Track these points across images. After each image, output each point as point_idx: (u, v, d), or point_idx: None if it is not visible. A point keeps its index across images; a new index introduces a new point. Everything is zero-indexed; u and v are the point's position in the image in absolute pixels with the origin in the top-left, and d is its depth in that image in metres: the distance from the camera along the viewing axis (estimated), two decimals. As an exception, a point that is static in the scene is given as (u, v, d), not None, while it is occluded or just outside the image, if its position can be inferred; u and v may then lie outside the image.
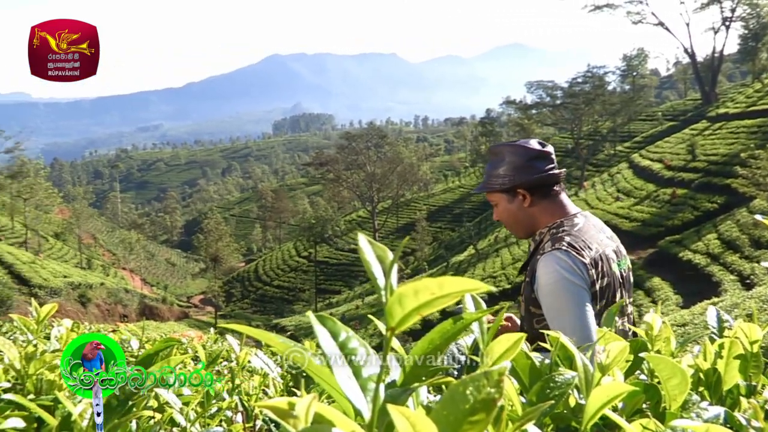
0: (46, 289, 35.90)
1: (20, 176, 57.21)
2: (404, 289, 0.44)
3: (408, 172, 70.80)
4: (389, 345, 0.47)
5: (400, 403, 0.47)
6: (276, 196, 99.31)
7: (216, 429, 0.83)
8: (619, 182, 45.79)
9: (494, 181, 2.23)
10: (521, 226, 2.27)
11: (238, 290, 74.00)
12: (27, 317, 1.34)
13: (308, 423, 0.44)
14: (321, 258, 71.38)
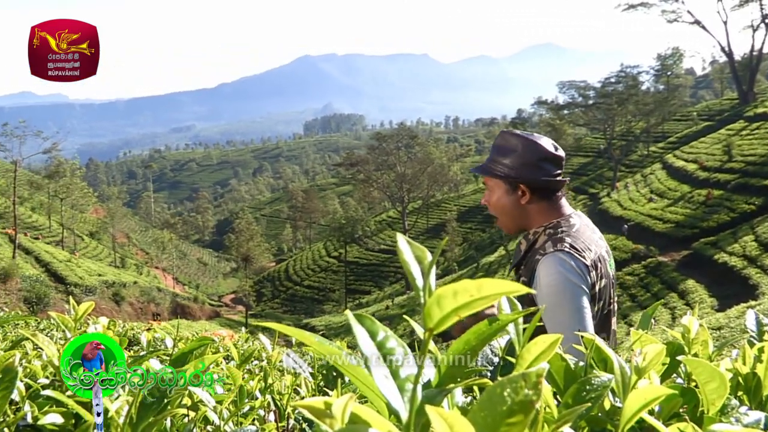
0: (81, 287, 36.47)
1: (57, 176, 58.22)
2: (443, 290, 0.44)
3: (438, 173, 70.65)
4: (427, 346, 0.46)
5: (435, 403, 0.47)
6: (306, 197, 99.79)
7: (249, 428, 0.83)
8: (652, 183, 45.17)
9: (498, 168, 2.18)
10: (512, 221, 2.24)
11: (269, 290, 74.50)
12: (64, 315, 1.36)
13: (344, 423, 0.44)
14: (351, 258, 71.57)
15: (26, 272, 33.47)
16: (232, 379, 1.16)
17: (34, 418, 0.93)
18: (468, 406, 0.70)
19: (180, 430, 0.98)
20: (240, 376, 1.13)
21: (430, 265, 0.49)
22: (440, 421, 0.40)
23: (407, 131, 77.51)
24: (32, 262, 39.39)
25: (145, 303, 43.37)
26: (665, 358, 0.95)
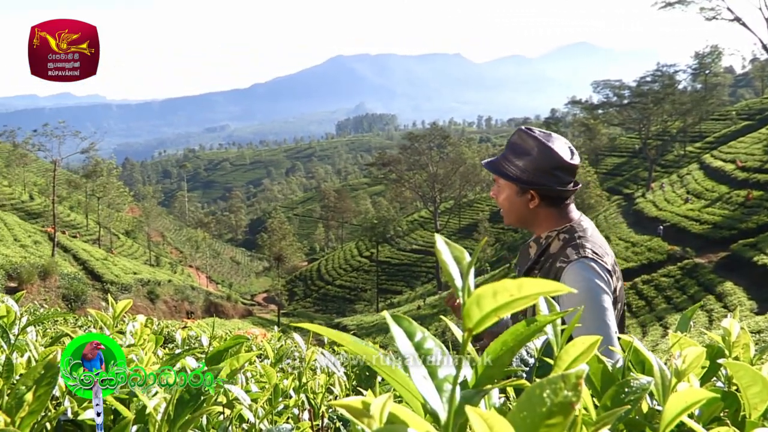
0: (117, 285, 37.03)
1: (94, 176, 59.21)
2: (483, 290, 0.44)
3: (470, 173, 70.34)
4: (466, 346, 0.46)
5: (473, 404, 0.46)
6: (339, 196, 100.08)
7: (285, 426, 0.83)
8: (689, 184, 44.50)
9: (511, 169, 2.15)
10: (517, 219, 2.23)
11: (301, 289, 74.88)
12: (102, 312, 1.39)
13: (382, 423, 0.44)
14: (383, 258, 71.64)
15: (64, 270, 34.07)
16: (266, 377, 1.17)
17: (74, 414, 0.95)
18: (502, 407, 0.70)
19: (215, 427, 0.99)
20: (275, 374, 1.14)
21: (469, 265, 0.50)
22: (480, 422, 0.40)
23: (439, 131, 77.29)
24: (70, 260, 40.08)
25: (179, 301, 43.85)
26: (705, 361, 0.93)
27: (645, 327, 26.28)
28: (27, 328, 1.30)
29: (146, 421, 0.86)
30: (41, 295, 28.51)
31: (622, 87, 64.19)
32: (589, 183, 53.76)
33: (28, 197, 60.96)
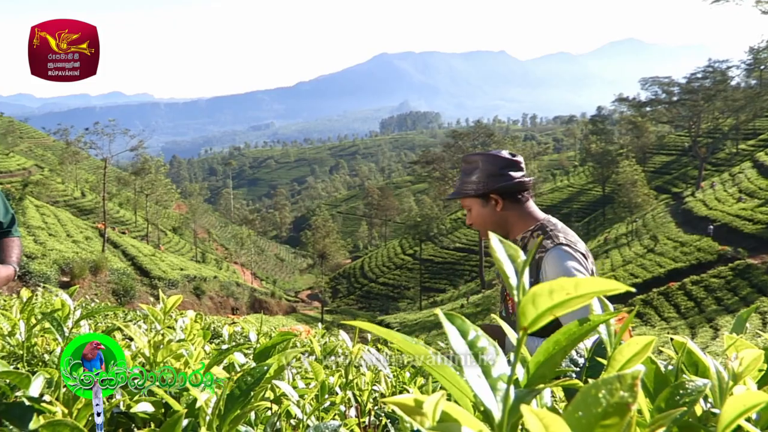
0: (164, 281, 37.61)
1: (143, 173, 60.32)
2: (539, 288, 0.44)
3: (515, 171, 69.69)
4: (521, 345, 0.46)
5: (525, 404, 0.44)
6: (382, 194, 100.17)
7: (333, 422, 0.79)
8: (741, 182, 43.39)
9: (468, 187, 2.38)
10: (496, 229, 2.39)
11: (344, 286, 75.18)
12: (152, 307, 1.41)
13: (435, 421, 0.44)
14: (426, 256, 71.50)
15: (114, 265, 34.76)
16: (313, 374, 1.17)
17: (126, 407, 0.97)
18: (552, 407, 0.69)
19: (264, 422, 0.99)
20: (321, 371, 1.14)
21: (524, 263, 0.50)
22: (536, 421, 0.40)
23: (483, 129, 76.78)
24: (120, 255, 40.88)
25: (225, 297, 44.38)
26: (762, 364, 0.89)
27: (694, 328, 25.74)
28: (80, 322, 1.32)
29: (197, 416, 0.87)
30: (92, 290, 29.14)
31: (672, 84, 62.93)
32: (636, 181, 52.85)
33: (80, 194, 62.40)
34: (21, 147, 76.53)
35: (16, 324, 1.43)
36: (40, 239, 34.11)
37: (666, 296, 30.97)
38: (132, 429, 1.01)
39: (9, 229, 3.11)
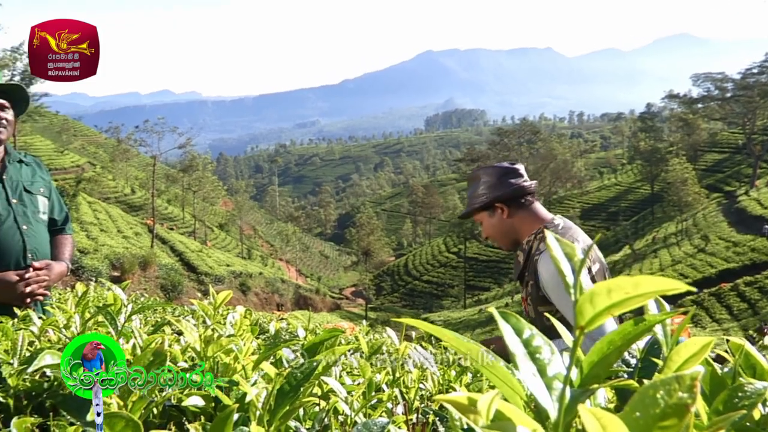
0: (211, 277, 38.15)
1: (191, 170, 61.34)
2: (597, 287, 0.44)
3: (561, 169, 69.04)
4: (578, 344, 0.46)
5: (579, 403, 0.45)
6: (427, 192, 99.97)
7: (381, 419, 0.82)
8: (797, 181, 42.23)
9: (475, 202, 2.50)
10: (506, 238, 2.50)
11: (388, 284, 75.28)
12: (202, 302, 1.43)
13: (489, 420, 0.44)
14: (470, 254, 71.19)
15: (162, 261, 35.41)
16: (360, 370, 1.18)
17: (178, 400, 0.98)
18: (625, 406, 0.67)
19: (312, 418, 1.00)
20: (369, 368, 1.15)
21: (581, 262, 0.49)
22: (593, 421, 0.39)
23: (529, 126, 76.19)
24: (168, 251, 41.62)
25: (270, 293, 44.82)
26: None
27: (747, 331, 25.12)
28: (132, 316, 1.35)
29: (246, 410, 0.88)
30: (141, 285, 29.73)
31: (725, 80, 61.48)
32: (687, 180, 51.77)
33: (130, 190, 63.68)
34: (75, 145, 78.41)
35: (71, 317, 1.46)
36: (92, 235, 34.93)
37: (718, 297, 30.28)
38: (183, 422, 1.02)
39: (63, 227, 3.19)
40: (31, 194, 2.95)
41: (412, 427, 1.03)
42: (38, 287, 2.69)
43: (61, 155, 61.80)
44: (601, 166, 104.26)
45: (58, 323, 1.49)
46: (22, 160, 3.02)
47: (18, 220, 2.83)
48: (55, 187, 3.17)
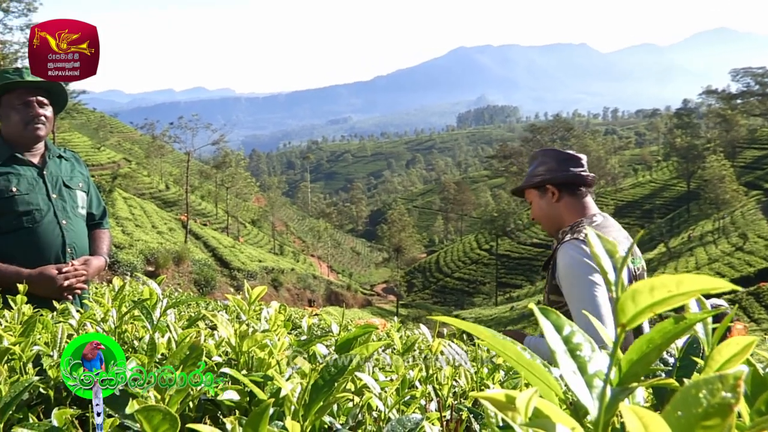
0: (243, 272, 38.40)
1: (224, 166, 61.89)
2: (639, 285, 0.43)
3: (595, 166, 68.30)
4: (620, 342, 0.45)
5: (618, 402, 0.46)
6: (458, 189, 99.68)
7: (415, 416, 0.79)
8: (838, 179, 41.27)
9: (530, 180, 2.52)
10: (550, 222, 2.52)
11: (419, 280, 75.23)
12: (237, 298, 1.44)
13: (527, 417, 0.44)
14: (502, 251, 70.83)
15: (196, 256, 35.78)
16: (394, 367, 1.18)
17: (214, 394, 0.98)
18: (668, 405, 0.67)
19: (345, 414, 1.00)
20: (402, 364, 1.15)
21: (623, 260, 0.49)
22: (635, 420, 0.39)
23: (563, 123, 75.52)
24: (201, 246, 42.05)
25: (302, 289, 45.02)
26: None
27: (786, 331, 24.66)
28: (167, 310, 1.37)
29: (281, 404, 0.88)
30: (175, 280, 30.08)
31: (766, 74, 60.32)
32: (725, 177, 50.93)
33: (164, 186, 64.47)
34: (111, 141, 79.63)
35: (108, 311, 1.49)
36: (128, 230, 35.44)
37: (756, 297, 29.75)
38: (218, 416, 1.02)
39: (100, 221, 3.25)
40: (71, 189, 3.00)
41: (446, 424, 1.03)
42: (77, 281, 2.74)
43: (98, 151, 62.77)
44: (636, 163, 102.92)
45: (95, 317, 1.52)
46: (62, 156, 3.08)
47: (58, 215, 2.89)
48: (93, 181, 3.23)
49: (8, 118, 2.83)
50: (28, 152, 2.91)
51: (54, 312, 1.77)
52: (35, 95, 2.85)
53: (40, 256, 2.81)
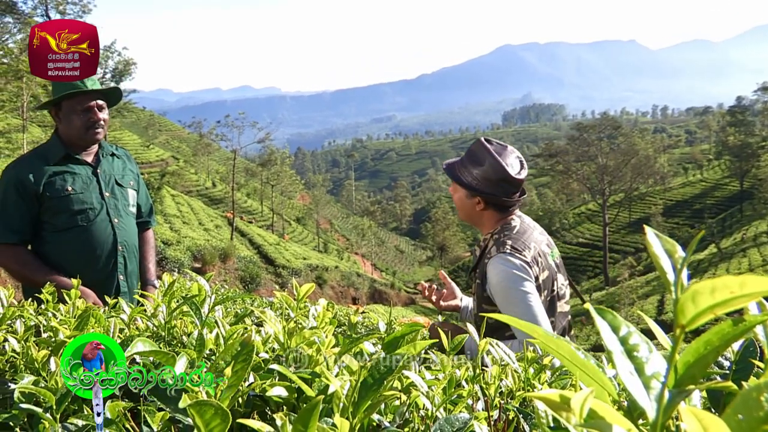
0: (288, 270, 38.67)
1: (269, 164, 62.52)
2: (700, 286, 0.43)
3: (643, 165, 67.09)
4: (678, 344, 0.45)
5: (675, 404, 0.45)
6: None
7: (463, 415, 0.84)
8: None
9: (465, 175, 2.48)
10: (466, 217, 2.60)
11: (464, 279, 74.75)
12: (286, 294, 1.46)
13: (582, 418, 0.44)
14: (547, 251, 70.03)
15: (241, 253, 36.18)
16: (441, 366, 1.18)
17: (262, 390, 1.00)
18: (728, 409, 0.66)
19: (392, 412, 1.00)
20: (449, 363, 1.16)
21: (684, 260, 0.48)
22: (695, 422, 0.39)
23: (610, 121, 74.24)
24: (246, 244, 42.51)
25: (345, 287, 45.17)
26: None
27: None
28: (215, 307, 1.39)
29: (329, 401, 0.89)
30: (221, 276, 30.45)
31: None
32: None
33: (211, 184, 65.42)
34: (159, 139, 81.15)
35: (158, 306, 1.52)
36: (175, 227, 36.04)
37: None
38: (265, 411, 1.03)
39: (148, 219, 3.32)
40: (122, 187, 3.08)
41: (494, 424, 1.03)
42: None
43: (147, 149, 63.96)
44: (686, 162, 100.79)
45: (146, 312, 1.55)
46: (114, 153, 3.15)
47: (110, 213, 2.96)
48: (142, 179, 3.31)
49: (69, 121, 2.91)
50: (83, 150, 2.99)
51: (106, 307, 1.81)
52: (95, 99, 2.93)
53: (92, 253, 2.89)
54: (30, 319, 1.57)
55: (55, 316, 1.54)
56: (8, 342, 1.36)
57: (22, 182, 2.80)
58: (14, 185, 2.81)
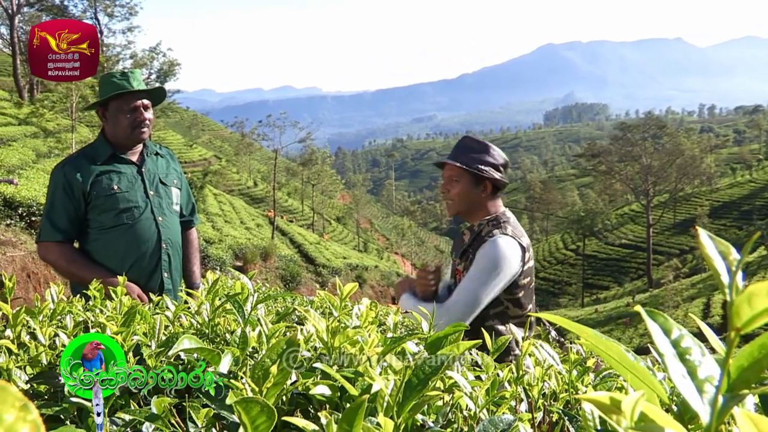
0: (328, 269, 38.80)
1: (310, 164, 62.87)
2: (756, 288, 0.42)
3: (689, 165, 65.87)
4: (733, 346, 0.44)
5: (728, 409, 0.44)
6: (544, 187, 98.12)
7: (507, 416, 0.85)
8: None
9: (476, 165, 2.59)
10: (468, 208, 2.67)
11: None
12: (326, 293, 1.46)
13: (633, 422, 0.43)
14: (589, 252, 69.27)
15: (282, 252, 36.43)
16: (484, 366, 1.17)
17: (306, 388, 1.00)
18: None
19: (435, 412, 1.00)
20: (492, 363, 1.16)
21: (739, 262, 0.47)
22: (751, 427, 0.38)
23: (655, 121, 73.05)
24: (287, 242, 42.79)
25: (385, 287, 45.14)
26: None
27: None
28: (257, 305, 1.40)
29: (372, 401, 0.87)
30: (262, 275, 30.71)
31: None
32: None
33: (252, 183, 66.05)
34: (202, 139, 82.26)
35: (202, 303, 1.53)
36: (217, 225, 36.47)
37: None
38: (308, 409, 1.03)
39: (191, 218, 3.37)
40: (166, 186, 3.13)
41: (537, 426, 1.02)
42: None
43: (190, 149, 64.86)
44: (734, 162, 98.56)
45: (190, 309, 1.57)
46: (158, 152, 3.21)
47: (155, 212, 3.01)
48: (185, 178, 3.35)
49: (116, 121, 2.97)
50: (129, 150, 3.05)
51: (151, 304, 1.84)
52: (140, 99, 2.99)
53: (137, 251, 2.95)
54: (78, 314, 1.61)
55: (102, 313, 1.57)
56: (59, 337, 1.39)
57: (70, 182, 2.87)
58: (62, 185, 2.87)
